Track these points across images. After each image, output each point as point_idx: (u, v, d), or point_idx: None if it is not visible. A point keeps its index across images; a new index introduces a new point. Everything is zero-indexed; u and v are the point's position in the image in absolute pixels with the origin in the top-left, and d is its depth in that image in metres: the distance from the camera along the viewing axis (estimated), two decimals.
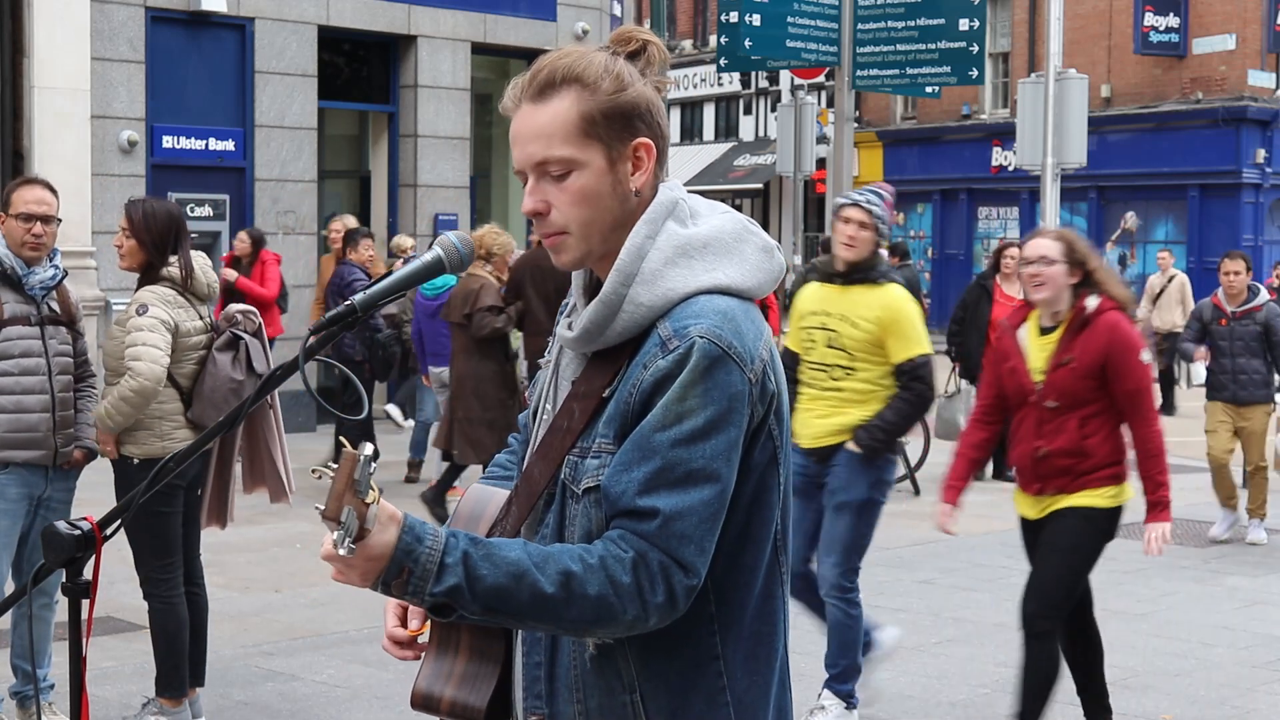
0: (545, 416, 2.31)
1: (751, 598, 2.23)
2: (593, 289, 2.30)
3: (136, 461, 5.60)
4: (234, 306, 5.95)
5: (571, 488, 2.19)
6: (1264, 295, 10.42)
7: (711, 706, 2.21)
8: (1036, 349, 5.66)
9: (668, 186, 2.26)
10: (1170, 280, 18.20)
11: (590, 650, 2.19)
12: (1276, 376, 10.77)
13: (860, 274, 6.10)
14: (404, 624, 2.33)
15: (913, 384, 6.08)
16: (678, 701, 2.20)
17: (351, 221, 13.42)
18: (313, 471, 2.09)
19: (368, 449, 2.00)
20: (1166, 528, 5.88)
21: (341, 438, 11.34)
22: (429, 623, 2.33)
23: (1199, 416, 13.12)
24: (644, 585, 2.08)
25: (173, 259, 5.67)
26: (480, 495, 2.37)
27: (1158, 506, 5.86)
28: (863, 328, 6.06)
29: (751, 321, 2.18)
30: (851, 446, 6.15)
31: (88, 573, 2.41)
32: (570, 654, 2.22)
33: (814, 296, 6.26)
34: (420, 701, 2.29)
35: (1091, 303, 5.54)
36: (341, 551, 1.99)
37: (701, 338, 2.11)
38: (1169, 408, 18.68)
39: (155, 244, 5.62)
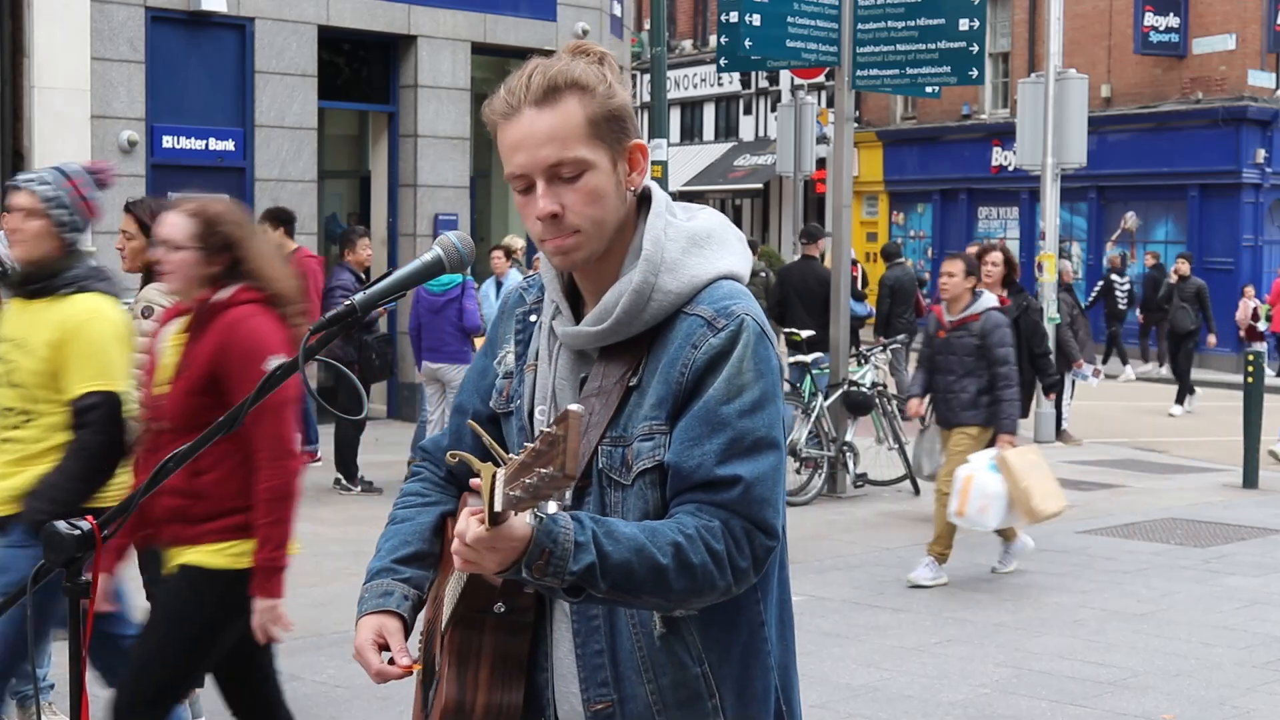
0: (547, 417, 2.33)
1: (777, 565, 2.37)
2: (571, 290, 2.36)
3: None
4: None
5: (613, 476, 2.25)
6: (985, 302, 8.86)
7: (763, 671, 2.34)
8: (172, 353, 4.33)
9: (653, 185, 2.38)
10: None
11: (659, 629, 2.26)
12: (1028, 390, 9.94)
13: (38, 282, 4.54)
14: (386, 661, 2.36)
15: (80, 431, 4.45)
16: (739, 669, 2.31)
17: (519, 243, 13.53)
18: (451, 456, 2.10)
19: (579, 409, 1.94)
20: (277, 607, 4.19)
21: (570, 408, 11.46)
22: (420, 659, 2.39)
23: (1199, 416, 13.15)
24: (733, 551, 2.18)
25: None
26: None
27: (267, 574, 4.14)
28: (38, 356, 4.46)
29: (757, 304, 2.33)
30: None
31: (90, 573, 2.41)
32: (631, 637, 2.27)
33: (5, 316, 4.67)
34: (452, 711, 2.29)
35: (224, 294, 4.25)
36: (550, 510, 2.03)
37: (747, 315, 2.26)
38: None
39: None
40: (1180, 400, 19.04)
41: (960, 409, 8.82)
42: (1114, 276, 23.01)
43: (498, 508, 1.96)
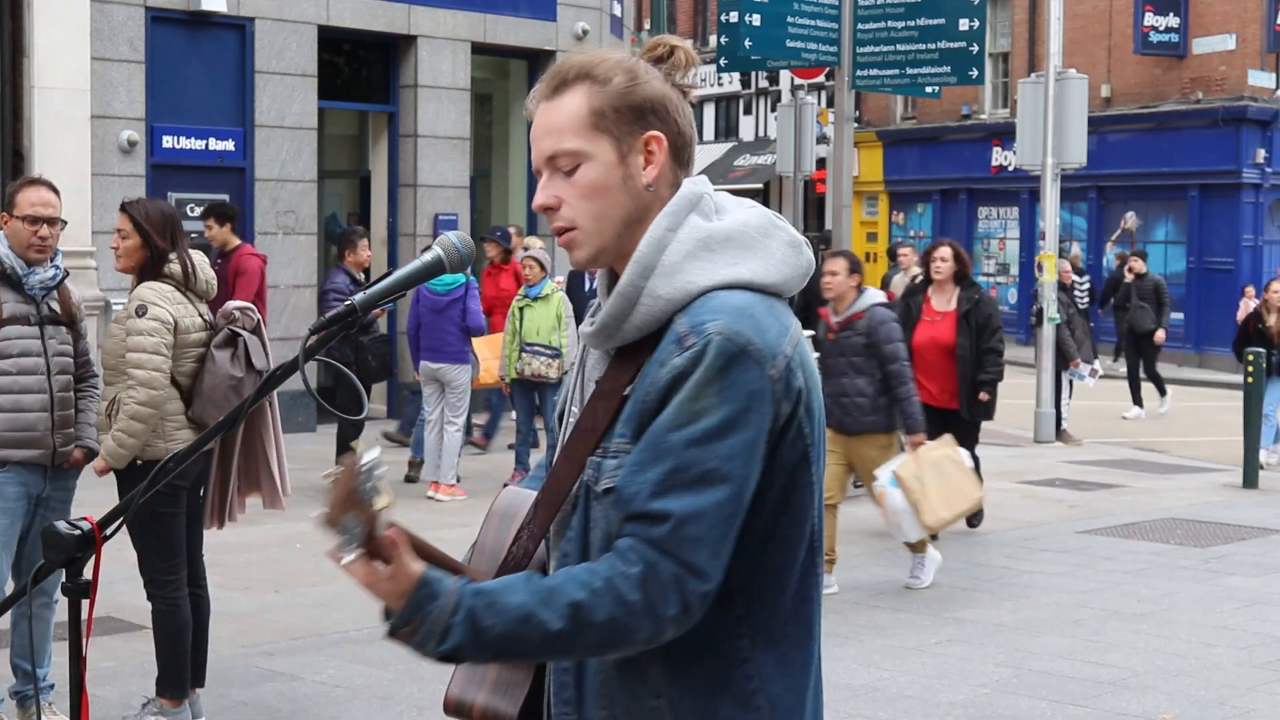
0: (571, 418, 2.30)
1: (785, 599, 2.21)
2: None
3: (139, 462, 5.61)
4: (232, 304, 5.97)
5: (594, 489, 2.16)
6: (869, 299, 8.46)
7: (744, 710, 2.18)
8: None
9: (693, 181, 2.24)
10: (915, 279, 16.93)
11: (614, 659, 2.18)
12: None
13: None
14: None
15: None
16: (707, 705, 2.17)
17: (535, 243, 13.44)
18: (324, 476, 2.09)
19: (373, 452, 1.99)
20: None
21: (352, 444, 11.33)
22: None
23: (1198, 416, 13.16)
24: (655, 600, 2.04)
25: (172, 256, 5.68)
26: (515, 495, 2.37)
27: None
28: None
29: (775, 317, 2.14)
30: None
31: (88, 573, 2.41)
32: (596, 661, 2.20)
33: None
34: (453, 707, 2.29)
35: None
36: (348, 559, 2.01)
37: (718, 334, 2.07)
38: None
39: (160, 238, 5.64)
40: (1137, 401, 18.31)
41: (860, 414, 8.33)
42: (1074, 276, 22.79)
43: (322, 519, 2.01)
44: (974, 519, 10.36)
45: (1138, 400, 18.16)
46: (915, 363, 9.52)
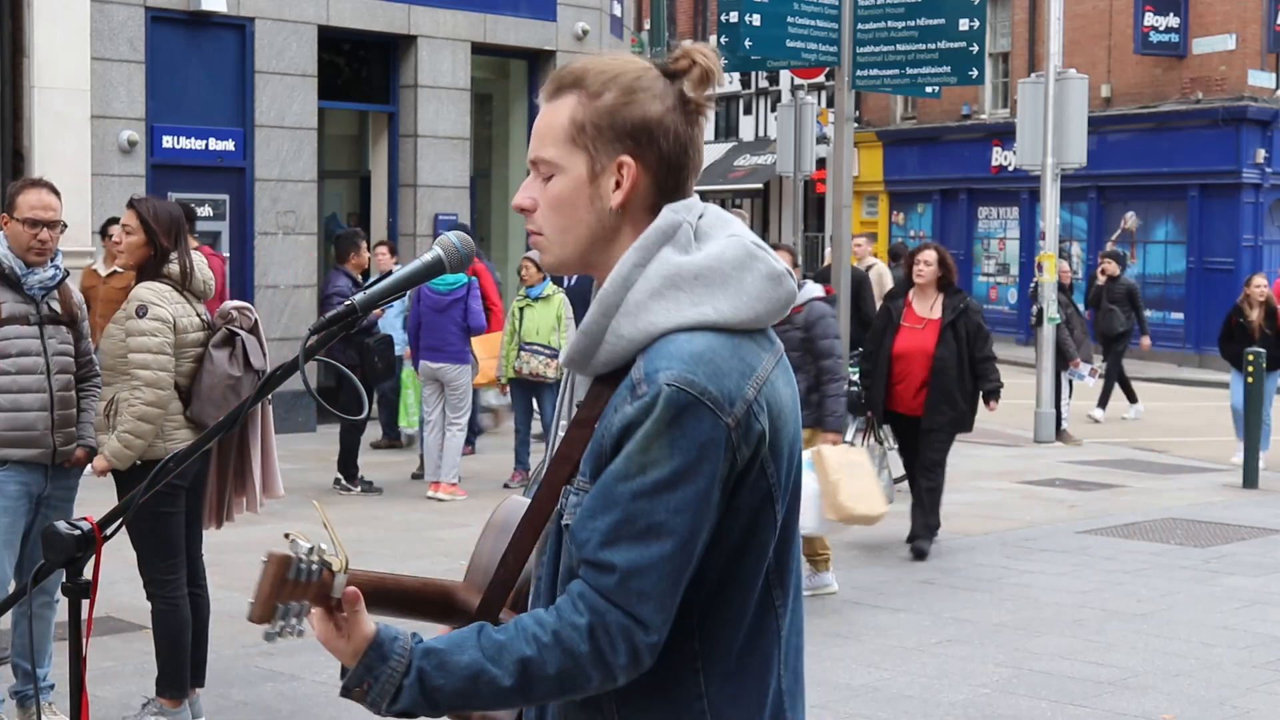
0: (561, 432, 2.29)
1: (739, 634, 2.17)
2: None
3: (139, 462, 5.61)
4: (230, 303, 5.98)
5: (563, 520, 2.15)
6: (808, 292, 8.35)
7: None
8: None
9: (673, 209, 2.15)
10: (869, 269, 15.52)
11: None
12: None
13: None
14: None
15: None
16: None
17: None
18: (285, 535, 2.08)
19: (300, 544, 2.00)
20: None
21: (315, 502, 11.32)
22: None
23: (1198, 416, 13.16)
24: (604, 649, 2.03)
25: (172, 256, 5.69)
26: (515, 506, 2.36)
27: None
28: None
29: (739, 358, 2.07)
30: None
31: (88, 573, 2.41)
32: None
33: None
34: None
35: None
36: (296, 636, 2.07)
37: (669, 385, 2.01)
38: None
39: (165, 238, 5.65)
40: (1131, 399, 17.92)
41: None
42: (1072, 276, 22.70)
43: (249, 615, 2.03)
44: (924, 547, 9.56)
45: (1131, 398, 17.91)
46: (895, 370, 9.45)
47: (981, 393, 9.59)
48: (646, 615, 2.03)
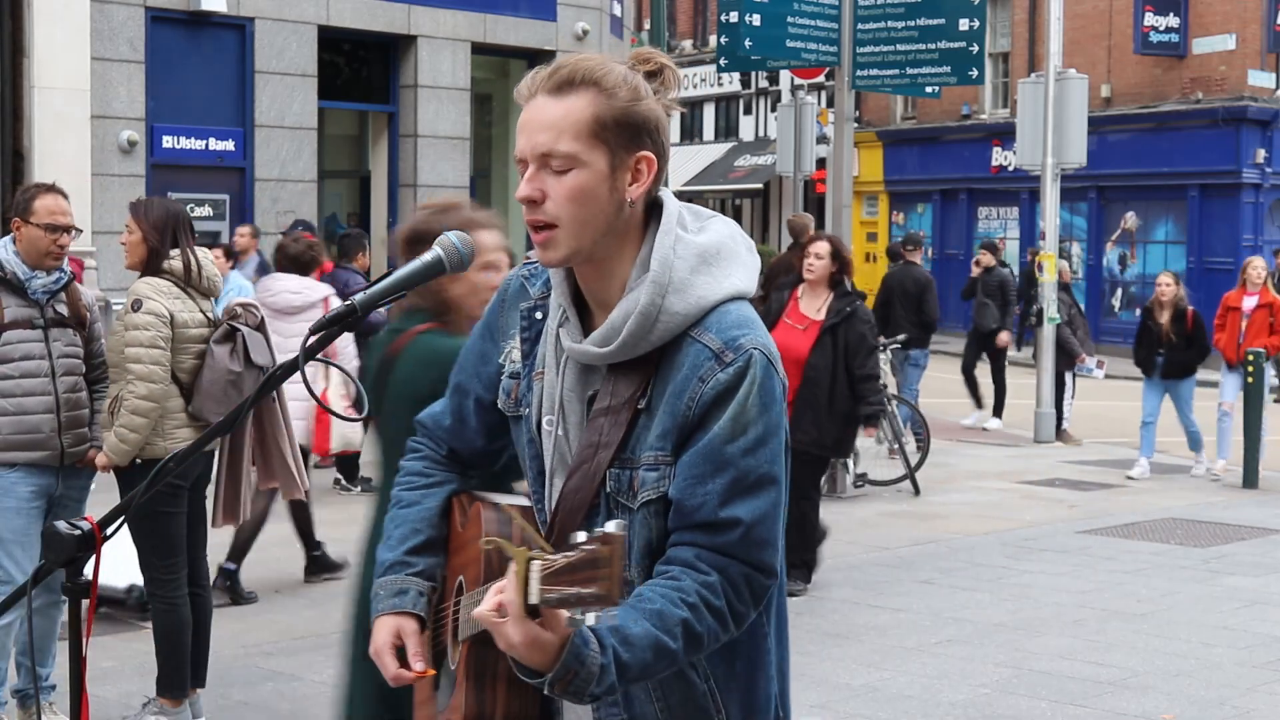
0: (555, 429, 2.32)
1: (781, 574, 2.33)
2: (577, 295, 2.32)
3: (140, 461, 5.62)
4: (235, 300, 5.99)
5: (621, 500, 2.24)
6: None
7: (766, 681, 2.35)
8: None
9: (666, 195, 2.31)
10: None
11: None
12: None
13: None
14: (404, 663, 2.38)
15: None
16: (744, 682, 2.32)
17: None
18: (487, 542, 2.13)
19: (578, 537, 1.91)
20: None
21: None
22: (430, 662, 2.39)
23: (1198, 417, 13.17)
24: (733, 601, 2.19)
25: (174, 253, 5.69)
26: (497, 517, 2.37)
27: None
28: None
29: (761, 323, 2.30)
30: None
31: (88, 573, 2.41)
32: None
33: None
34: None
35: None
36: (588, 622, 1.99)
37: (755, 349, 2.22)
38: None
39: (155, 235, 5.65)
40: (978, 411, 16.35)
41: None
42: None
43: (533, 600, 1.94)
44: (794, 589, 8.19)
45: (978, 404, 16.39)
46: None
47: (862, 415, 8.53)
48: (768, 560, 2.23)
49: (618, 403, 2.24)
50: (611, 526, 1.90)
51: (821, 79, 26.68)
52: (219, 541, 7.08)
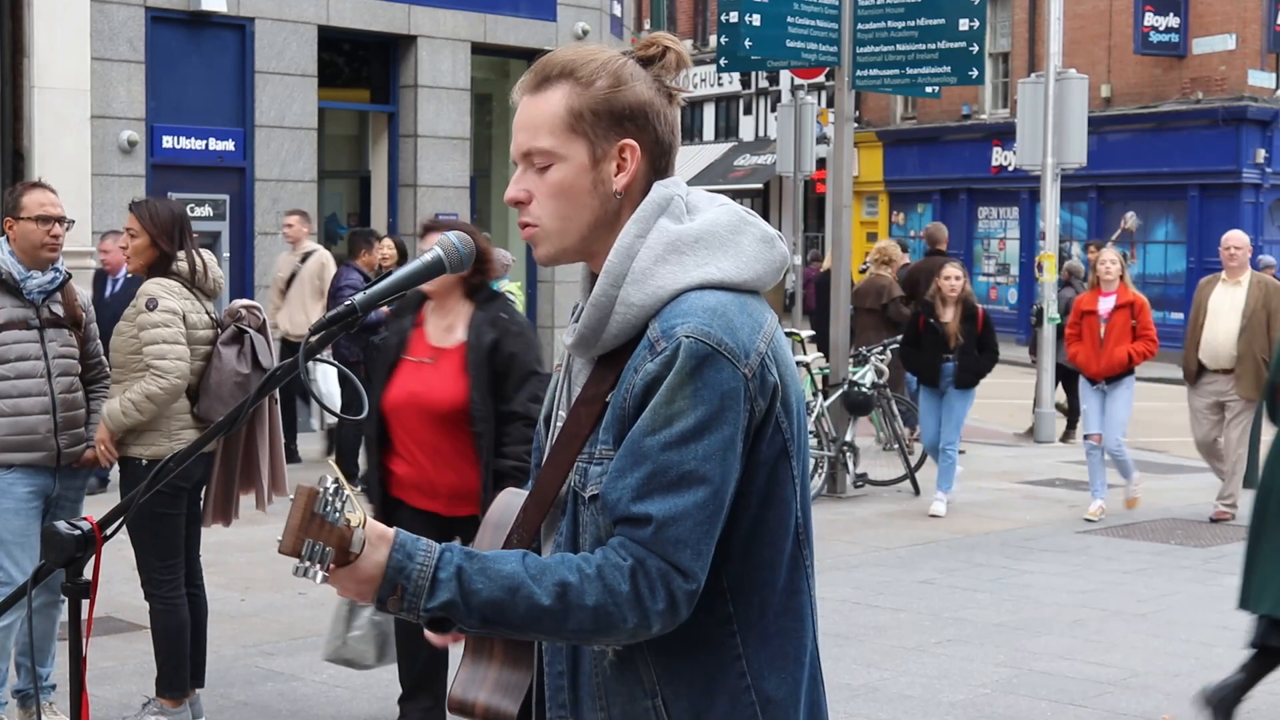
0: (558, 422, 2.31)
1: (774, 594, 2.21)
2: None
3: (144, 462, 5.62)
4: (238, 301, 5.99)
5: (581, 494, 2.18)
6: None
7: (736, 707, 2.19)
8: None
9: (663, 184, 2.23)
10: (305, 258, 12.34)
11: (610, 657, 2.19)
12: None
13: None
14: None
15: None
16: (701, 704, 2.18)
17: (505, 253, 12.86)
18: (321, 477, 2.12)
19: (327, 480, 2.00)
20: None
21: (331, 459, 11.29)
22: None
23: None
24: (643, 593, 2.06)
25: (180, 254, 5.70)
26: (508, 504, 2.38)
27: None
28: None
29: (748, 314, 2.15)
30: None
31: (88, 573, 2.41)
32: (592, 662, 2.21)
33: None
34: (455, 706, 2.31)
35: None
36: (315, 581, 2.03)
37: (688, 337, 2.08)
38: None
39: (164, 238, 5.66)
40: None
41: None
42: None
43: (280, 547, 2.02)
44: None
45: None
46: (391, 442, 5.39)
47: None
48: (685, 562, 2.07)
49: (594, 395, 2.19)
50: (303, 483, 1.97)
51: (821, 79, 26.68)
52: (216, 541, 7.08)
